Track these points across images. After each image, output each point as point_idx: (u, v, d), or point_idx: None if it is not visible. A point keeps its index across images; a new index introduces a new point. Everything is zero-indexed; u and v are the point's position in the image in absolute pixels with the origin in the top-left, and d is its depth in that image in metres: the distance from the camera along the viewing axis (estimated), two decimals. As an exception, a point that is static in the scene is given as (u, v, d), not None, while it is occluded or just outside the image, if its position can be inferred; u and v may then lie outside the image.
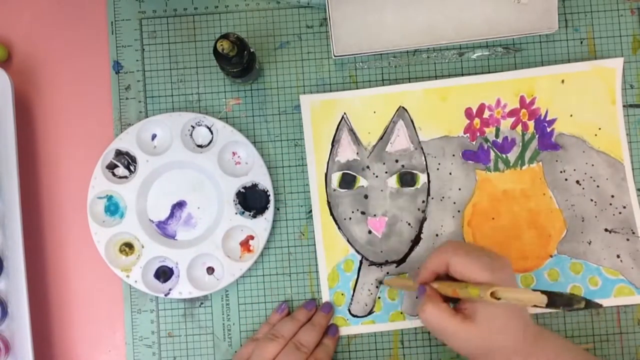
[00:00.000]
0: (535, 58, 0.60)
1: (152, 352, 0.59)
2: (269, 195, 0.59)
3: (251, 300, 0.60)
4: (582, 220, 0.59)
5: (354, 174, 0.60)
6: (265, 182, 0.59)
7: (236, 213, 0.58)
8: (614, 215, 0.59)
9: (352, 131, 0.60)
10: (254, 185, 0.59)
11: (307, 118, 0.60)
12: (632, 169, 0.60)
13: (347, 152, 0.60)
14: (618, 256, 0.59)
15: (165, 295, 0.58)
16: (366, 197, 0.60)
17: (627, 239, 0.59)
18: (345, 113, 0.60)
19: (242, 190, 0.59)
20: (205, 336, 0.59)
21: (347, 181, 0.60)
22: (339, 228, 0.60)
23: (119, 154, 0.59)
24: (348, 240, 0.60)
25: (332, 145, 0.60)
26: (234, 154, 0.60)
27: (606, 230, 0.59)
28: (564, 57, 0.60)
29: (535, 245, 0.59)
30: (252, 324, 0.59)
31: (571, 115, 0.60)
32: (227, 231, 0.58)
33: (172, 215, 0.60)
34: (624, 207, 0.59)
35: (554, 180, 0.59)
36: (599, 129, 0.60)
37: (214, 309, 0.60)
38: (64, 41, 0.61)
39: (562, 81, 0.60)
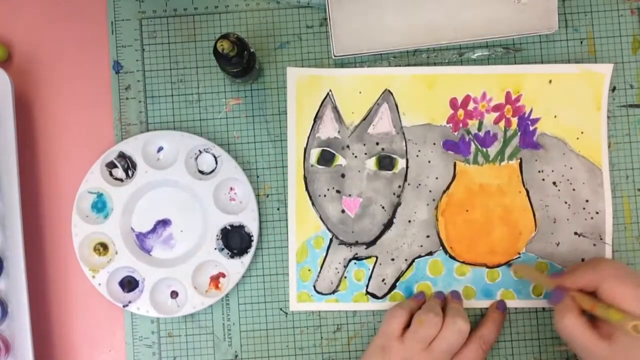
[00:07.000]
0: (535, 58, 0.60)
1: (152, 352, 0.59)
2: (253, 240, 0.58)
3: (251, 300, 0.60)
4: (554, 222, 0.59)
5: (333, 151, 0.60)
6: (252, 227, 0.58)
7: (215, 248, 0.58)
8: (585, 219, 0.59)
9: (335, 109, 0.60)
10: (241, 227, 0.59)
11: (292, 91, 0.60)
12: (611, 176, 0.59)
13: (328, 129, 0.60)
14: (582, 260, 0.59)
15: (124, 306, 0.58)
16: (343, 176, 0.60)
17: (594, 244, 0.59)
18: (330, 90, 0.60)
19: (228, 227, 0.59)
20: (205, 336, 0.59)
21: (326, 158, 0.60)
22: (313, 204, 0.60)
23: (122, 156, 0.59)
24: (320, 217, 0.60)
25: (315, 121, 0.60)
26: (231, 189, 0.60)
27: (576, 233, 0.59)
28: (564, 57, 0.60)
29: (505, 241, 0.59)
30: (252, 324, 0.59)
31: (555, 117, 0.60)
32: (202, 263, 0.58)
33: (154, 230, 0.59)
34: (597, 213, 0.59)
35: (531, 179, 0.60)
36: (582, 132, 0.60)
37: (214, 309, 0.59)
38: (64, 41, 0.61)
39: (550, 81, 0.60)
